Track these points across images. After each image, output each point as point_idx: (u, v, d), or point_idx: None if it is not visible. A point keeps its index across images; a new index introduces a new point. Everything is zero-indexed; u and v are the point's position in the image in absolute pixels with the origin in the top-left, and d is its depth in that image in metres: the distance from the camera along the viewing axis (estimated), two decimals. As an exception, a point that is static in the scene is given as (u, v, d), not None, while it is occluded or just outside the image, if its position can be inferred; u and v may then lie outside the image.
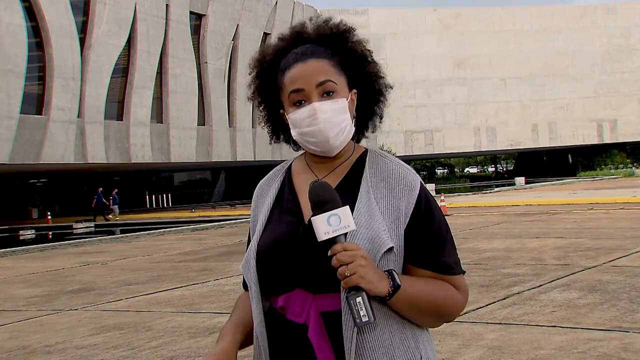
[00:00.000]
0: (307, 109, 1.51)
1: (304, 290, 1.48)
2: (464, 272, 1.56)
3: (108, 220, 30.33)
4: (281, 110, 1.61)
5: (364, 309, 1.37)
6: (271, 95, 1.63)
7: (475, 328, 5.50)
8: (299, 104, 1.53)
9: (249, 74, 1.67)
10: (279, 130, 1.68)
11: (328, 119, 1.51)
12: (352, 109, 1.58)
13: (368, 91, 1.62)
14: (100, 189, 31.63)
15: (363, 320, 1.37)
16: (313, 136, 1.52)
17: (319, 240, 1.40)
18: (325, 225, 1.39)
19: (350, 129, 1.56)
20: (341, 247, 1.39)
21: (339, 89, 1.54)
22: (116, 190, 32.64)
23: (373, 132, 1.69)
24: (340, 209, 1.40)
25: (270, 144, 1.74)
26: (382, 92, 1.64)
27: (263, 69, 1.63)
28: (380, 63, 1.65)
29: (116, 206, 31.79)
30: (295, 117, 1.53)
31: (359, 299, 1.37)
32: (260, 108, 1.68)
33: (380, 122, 1.68)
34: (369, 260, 1.40)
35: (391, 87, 1.66)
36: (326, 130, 1.51)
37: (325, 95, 1.52)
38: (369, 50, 1.62)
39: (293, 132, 1.56)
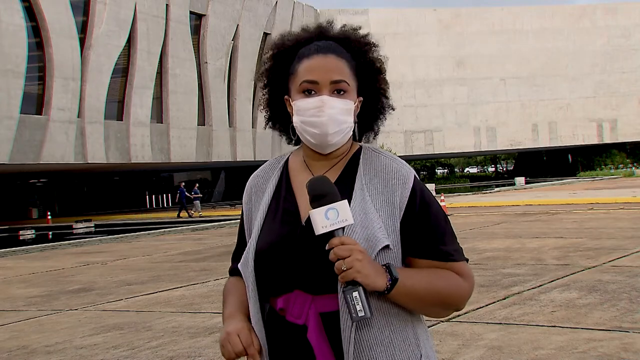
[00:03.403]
0: (316, 100, 1.52)
1: (302, 292, 1.48)
2: (467, 260, 1.55)
3: (191, 216, 28.64)
4: (286, 96, 1.60)
5: (360, 303, 1.37)
6: (279, 80, 1.62)
7: (475, 328, 5.50)
8: (308, 93, 1.53)
9: (265, 55, 1.67)
10: (277, 118, 1.67)
11: (333, 115, 1.51)
12: (355, 114, 1.59)
13: (371, 105, 1.63)
14: (183, 183, 30.71)
15: (359, 315, 1.36)
16: (314, 127, 1.52)
17: (317, 234, 1.40)
18: (323, 219, 1.39)
19: (349, 132, 1.57)
20: (338, 241, 1.39)
21: (350, 91, 1.55)
22: (197, 184, 31.16)
23: (367, 142, 1.70)
24: (338, 202, 1.40)
25: (265, 128, 1.73)
26: (384, 111, 1.66)
27: (279, 53, 1.62)
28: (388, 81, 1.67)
29: (198, 202, 29.70)
30: (302, 105, 1.53)
31: (355, 294, 1.37)
32: (265, 91, 1.66)
33: (374, 139, 1.70)
34: (365, 254, 1.40)
35: (393, 109, 1.68)
36: (328, 125, 1.51)
37: (335, 92, 1.53)
38: (384, 67, 1.64)
39: (295, 119, 1.56)
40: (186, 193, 29.82)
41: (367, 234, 1.45)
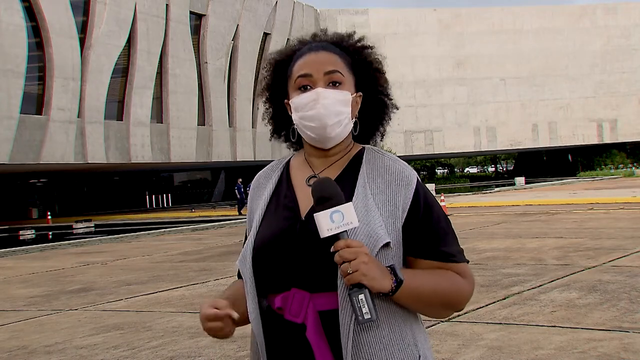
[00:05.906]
0: (311, 93, 1.54)
1: (300, 290, 1.48)
2: (467, 261, 1.56)
3: (242, 214, 27.67)
4: (286, 100, 1.62)
5: (366, 306, 1.37)
6: (280, 90, 1.64)
7: (475, 328, 5.50)
8: (304, 89, 1.55)
9: (264, 70, 1.70)
10: (281, 129, 1.70)
11: (329, 105, 1.52)
12: (355, 109, 1.59)
13: (374, 105, 1.64)
14: (240, 179, 30.34)
15: (365, 318, 1.37)
16: (312, 120, 1.53)
17: (322, 236, 1.39)
18: (328, 222, 1.39)
19: (348, 124, 1.57)
20: (344, 244, 1.38)
21: (345, 82, 1.56)
22: None
23: (373, 144, 1.70)
24: (343, 205, 1.40)
25: (270, 140, 1.76)
26: (387, 110, 1.67)
27: (277, 65, 1.66)
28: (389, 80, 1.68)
29: None
30: (298, 101, 1.55)
31: (361, 296, 1.37)
32: (267, 105, 1.69)
33: (381, 140, 1.70)
34: (371, 257, 1.40)
35: (397, 109, 1.69)
36: (325, 117, 1.52)
37: (331, 84, 1.55)
38: (382, 67, 1.66)
39: (294, 117, 1.57)
40: (242, 190, 29.17)
41: (369, 231, 1.45)
